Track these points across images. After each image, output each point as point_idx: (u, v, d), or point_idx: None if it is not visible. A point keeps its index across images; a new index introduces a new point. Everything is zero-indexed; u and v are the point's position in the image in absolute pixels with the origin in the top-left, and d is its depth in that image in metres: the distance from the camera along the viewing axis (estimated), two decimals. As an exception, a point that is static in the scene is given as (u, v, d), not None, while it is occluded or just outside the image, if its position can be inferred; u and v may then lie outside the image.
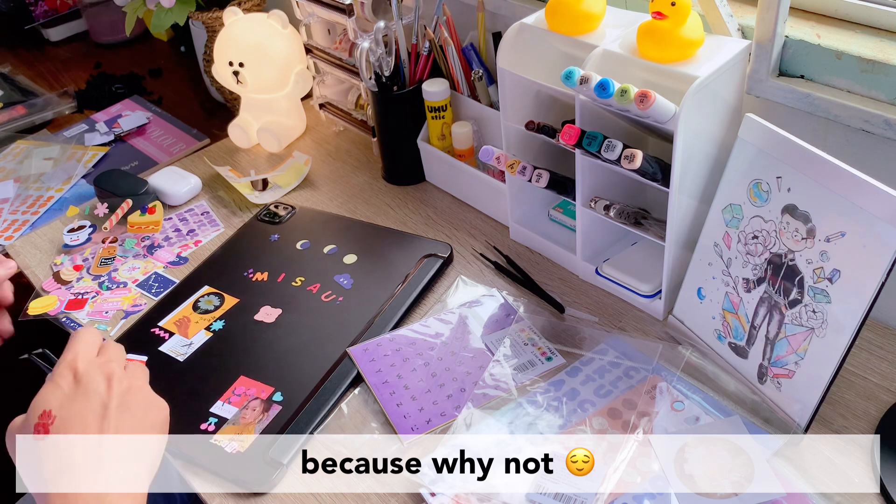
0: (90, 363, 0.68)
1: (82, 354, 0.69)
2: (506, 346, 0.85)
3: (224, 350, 0.88)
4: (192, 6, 1.23)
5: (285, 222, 1.06)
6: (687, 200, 0.80)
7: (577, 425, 0.76)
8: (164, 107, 1.45)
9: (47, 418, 0.65)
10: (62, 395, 0.66)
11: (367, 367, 0.83)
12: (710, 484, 0.69)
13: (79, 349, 0.69)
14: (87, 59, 1.67)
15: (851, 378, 0.78)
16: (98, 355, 0.70)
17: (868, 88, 0.75)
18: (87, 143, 1.35)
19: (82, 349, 0.70)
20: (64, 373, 0.67)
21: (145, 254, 1.05)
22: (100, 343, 0.72)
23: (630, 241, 0.94)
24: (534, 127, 0.84)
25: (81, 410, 0.65)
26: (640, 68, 0.78)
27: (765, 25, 0.77)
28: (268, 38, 1.16)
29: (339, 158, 1.21)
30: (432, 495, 0.71)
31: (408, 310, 0.90)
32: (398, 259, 0.97)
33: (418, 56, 1.05)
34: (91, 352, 0.70)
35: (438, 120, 1.05)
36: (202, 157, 1.24)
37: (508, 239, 1.02)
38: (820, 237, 0.68)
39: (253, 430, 0.78)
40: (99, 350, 0.71)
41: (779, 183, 0.71)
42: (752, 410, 0.76)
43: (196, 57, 1.43)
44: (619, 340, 0.84)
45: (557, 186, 0.88)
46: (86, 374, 0.67)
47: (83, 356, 0.69)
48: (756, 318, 0.75)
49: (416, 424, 0.77)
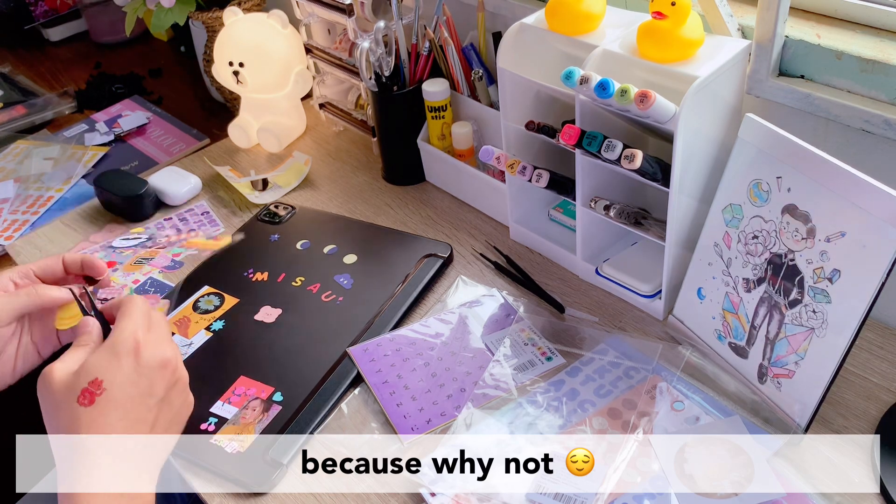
0: (150, 342, 0.65)
1: (142, 328, 0.65)
2: (506, 346, 0.85)
3: (224, 350, 0.88)
4: (192, 6, 1.23)
5: (285, 222, 1.06)
6: (687, 200, 0.80)
7: (577, 425, 0.76)
8: (164, 107, 1.45)
9: (97, 388, 0.61)
10: (119, 371, 0.62)
11: (367, 367, 0.83)
12: (710, 484, 0.69)
13: (138, 321, 0.66)
14: (87, 59, 1.67)
15: (851, 378, 0.78)
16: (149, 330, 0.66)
17: (868, 88, 0.75)
18: (87, 143, 1.35)
19: (141, 321, 0.66)
20: (126, 344, 0.64)
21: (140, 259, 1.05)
22: (150, 315, 0.68)
23: (630, 241, 0.94)
24: (534, 127, 0.84)
25: (135, 396, 0.63)
26: (640, 68, 0.78)
27: (765, 25, 0.77)
28: (268, 38, 1.16)
29: (339, 158, 1.21)
30: (432, 495, 0.71)
31: (408, 310, 0.90)
32: (398, 259, 0.97)
33: (418, 56, 1.05)
34: (146, 325, 0.66)
35: (438, 120, 1.05)
36: (202, 157, 1.24)
37: (508, 239, 1.02)
38: (820, 237, 0.68)
39: (253, 430, 0.78)
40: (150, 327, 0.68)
41: (779, 183, 0.71)
42: (752, 410, 0.76)
43: (196, 57, 1.43)
44: (619, 340, 0.84)
45: (557, 186, 0.88)
46: (146, 354, 0.64)
47: (143, 330, 0.65)
48: (756, 318, 0.75)
49: (416, 424, 0.77)
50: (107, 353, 0.63)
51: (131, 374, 0.63)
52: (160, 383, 0.64)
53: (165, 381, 0.65)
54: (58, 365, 0.63)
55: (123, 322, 0.65)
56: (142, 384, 0.63)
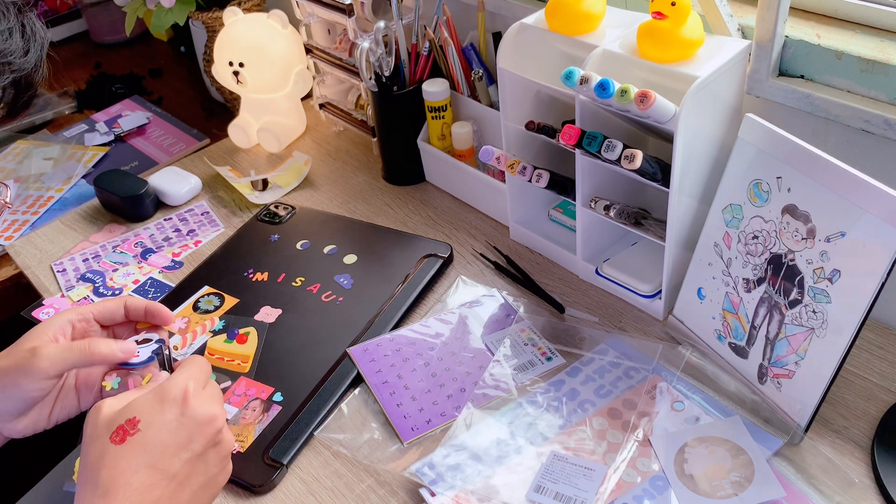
0: (201, 396, 0.62)
1: (195, 381, 0.62)
2: (506, 346, 0.85)
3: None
4: (192, 6, 1.23)
5: (285, 222, 1.06)
6: (687, 200, 0.80)
7: (577, 425, 0.76)
8: (164, 107, 1.45)
9: (132, 427, 0.59)
10: (159, 415, 0.60)
11: (367, 368, 0.83)
12: (710, 484, 0.69)
13: (194, 374, 0.63)
14: (87, 59, 1.67)
15: (851, 378, 0.78)
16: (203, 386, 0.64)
17: (868, 88, 0.75)
18: (87, 143, 1.35)
19: (197, 375, 0.63)
20: (174, 391, 0.61)
21: (140, 259, 1.05)
22: (209, 376, 0.66)
23: (630, 241, 0.94)
24: (534, 127, 0.84)
25: (170, 445, 0.59)
26: (640, 68, 0.78)
27: (765, 25, 0.77)
28: (268, 38, 1.16)
29: (339, 158, 1.21)
30: (432, 495, 0.71)
31: (408, 310, 0.90)
32: (398, 259, 0.97)
33: (418, 56, 1.05)
34: (202, 381, 0.64)
35: (438, 120, 1.05)
36: (202, 157, 1.24)
37: (508, 239, 1.02)
38: (820, 237, 0.68)
39: (253, 430, 0.78)
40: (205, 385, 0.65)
41: (779, 183, 0.71)
42: (752, 410, 0.76)
43: (196, 57, 1.43)
44: (619, 340, 0.84)
45: (557, 186, 0.88)
46: (193, 405, 0.61)
47: (196, 383, 0.62)
48: (756, 319, 0.75)
49: (416, 424, 0.77)
50: (153, 396, 0.61)
51: (171, 422, 0.60)
52: (200, 439, 0.60)
53: (206, 439, 0.61)
54: (109, 400, 0.61)
55: (179, 372, 0.63)
56: (180, 435, 0.60)
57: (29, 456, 1.13)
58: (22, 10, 0.64)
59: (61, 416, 0.70)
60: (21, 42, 0.62)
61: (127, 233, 1.10)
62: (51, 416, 0.69)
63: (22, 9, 0.64)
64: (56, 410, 0.69)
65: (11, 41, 0.61)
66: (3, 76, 0.61)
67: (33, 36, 0.64)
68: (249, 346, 0.88)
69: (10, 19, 0.62)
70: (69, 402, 0.70)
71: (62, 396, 0.70)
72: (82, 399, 0.71)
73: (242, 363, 0.86)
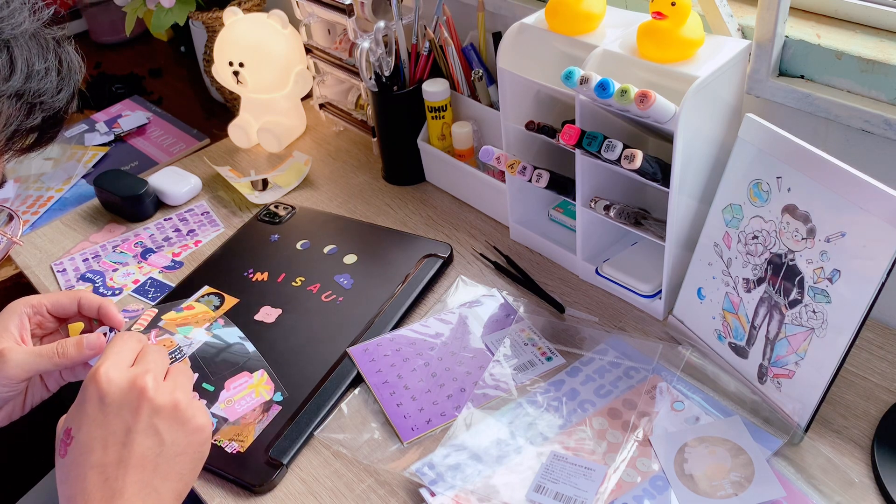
0: (119, 377, 0.60)
1: (113, 367, 0.61)
2: (506, 346, 0.85)
3: (224, 350, 0.88)
4: (192, 6, 1.23)
5: (285, 222, 1.06)
6: (687, 200, 0.80)
7: (577, 425, 0.76)
8: (164, 107, 1.45)
9: (67, 438, 0.59)
10: (83, 415, 0.59)
11: (367, 367, 0.83)
12: (710, 484, 0.69)
13: (109, 361, 0.61)
14: (88, 59, 1.65)
15: (851, 378, 0.78)
16: (133, 364, 0.62)
17: (868, 88, 0.75)
18: (87, 143, 1.35)
19: (113, 360, 0.61)
20: (88, 388, 0.60)
21: (140, 259, 1.05)
22: (137, 350, 0.64)
23: (630, 241, 0.94)
24: (534, 127, 0.84)
25: (102, 434, 0.58)
26: (640, 68, 0.78)
27: (765, 25, 0.77)
28: (268, 38, 1.16)
29: (339, 158, 1.21)
30: (432, 495, 0.71)
31: (408, 310, 0.90)
32: (398, 259, 0.97)
33: (418, 56, 1.05)
34: (124, 362, 0.62)
35: (438, 120, 1.05)
36: (202, 157, 1.24)
37: (508, 239, 1.02)
38: (820, 237, 0.68)
39: (253, 430, 0.78)
40: (136, 358, 0.63)
41: (779, 183, 0.71)
42: (752, 410, 0.76)
43: (196, 57, 1.43)
44: (619, 340, 0.84)
45: (557, 186, 0.88)
46: (112, 390, 0.59)
47: (113, 369, 0.60)
48: (756, 318, 0.75)
49: (416, 424, 0.77)
50: (76, 403, 0.61)
51: (94, 413, 0.59)
52: (134, 414, 0.59)
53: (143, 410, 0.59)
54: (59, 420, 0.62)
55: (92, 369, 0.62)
56: (110, 420, 0.58)
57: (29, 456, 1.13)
58: (61, 42, 0.59)
59: (35, 402, 0.73)
60: (56, 80, 0.57)
61: (127, 233, 1.10)
62: (24, 405, 0.72)
63: (61, 41, 0.59)
64: (28, 398, 0.72)
65: (47, 79, 0.56)
66: (33, 116, 0.57)
67: (69, 73, 0.59)
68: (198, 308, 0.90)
69: (48, 57, 0.56)
70: (38, 389, 0.73)
71: (31, 385, 0.72)
72: (49, 385, 0.74)
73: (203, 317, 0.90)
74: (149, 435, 0.59)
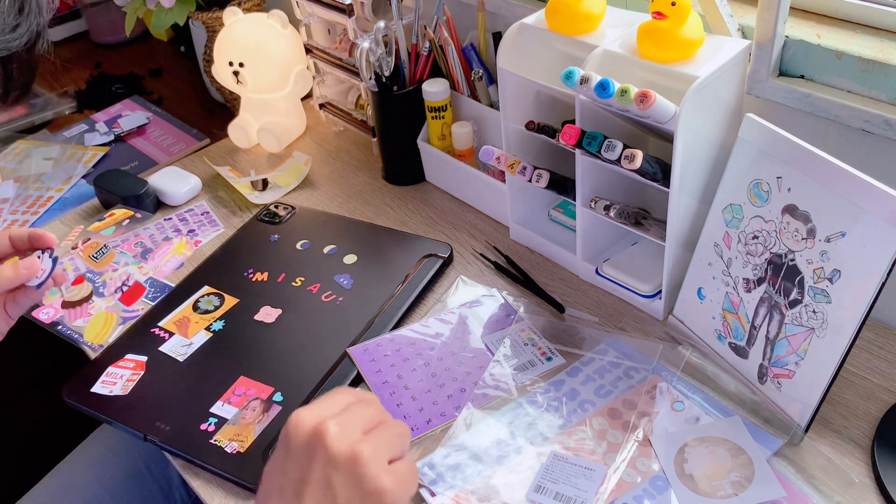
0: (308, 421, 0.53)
1: (307, 411, 0.54)
2: (506, 346, 0.85)
3: (224, 350, 0.88)
4: (192, 6, 1.23)
5: (285, 222, 1.06)
6: (687, 200, 0.80)
7: (577, 425, 0.76)
8: (164, 107, 1.45)
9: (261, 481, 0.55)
10: (272, 459, 0.55)
11: (367, 367, 0.83)
12: (710, 484, 0.69)
13: (309, 405, 0.55)
14: (87, 59, 1.67)
15: (851, 378, 0.78)
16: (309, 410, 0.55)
17: (868, 88, 0.75)
18: (87, 143, 1.35)
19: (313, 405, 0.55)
20: (283, 430, 0.54)
21: (140, 259, 1.05)
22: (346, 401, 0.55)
23: (630, 241, 0.94)
24: (534, 127, 0.84)
25: (280, 484, 0.52)
26: (640, 68, 0.78)
27: (765, 25, 0.77)
28: (268, 38, 1.16)
29: (339, 158, 1.21)
30: (432, 495, 0.71)
31: (408, 310, 0.90)
32: (398, 259, 0.97)
33: (418, 56, 1.05)
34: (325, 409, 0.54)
35: (438, 120, 1.05)
36: (202, 157, 1.24)
37: (508, 239, 1.02)
38: (820, 237, 0.68)
39: (253, 431, 0.78)
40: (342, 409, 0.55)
41: (779, 183, 0.71)
42: (752, 410, 0.76)
43: (196, 57, 1.43)
44: (619, 340, 0.84)
45: (557, 186, 0.88)
46: (297, 434, 0.53)
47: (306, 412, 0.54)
48: (756, 319, 0.75)
49: (416, 424, 0.77)
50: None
51: (280, 462, 0.54)
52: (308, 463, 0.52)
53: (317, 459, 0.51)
54: None
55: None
56: (289, 470, 0.53)
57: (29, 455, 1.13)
58: None
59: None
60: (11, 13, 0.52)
61: (127, 233, 1.10)
62: None
63: None
64: None
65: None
66: None
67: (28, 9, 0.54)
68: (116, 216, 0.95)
69: None
70: None
71: None
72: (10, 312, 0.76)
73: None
74: (320, 488, 0.51)
